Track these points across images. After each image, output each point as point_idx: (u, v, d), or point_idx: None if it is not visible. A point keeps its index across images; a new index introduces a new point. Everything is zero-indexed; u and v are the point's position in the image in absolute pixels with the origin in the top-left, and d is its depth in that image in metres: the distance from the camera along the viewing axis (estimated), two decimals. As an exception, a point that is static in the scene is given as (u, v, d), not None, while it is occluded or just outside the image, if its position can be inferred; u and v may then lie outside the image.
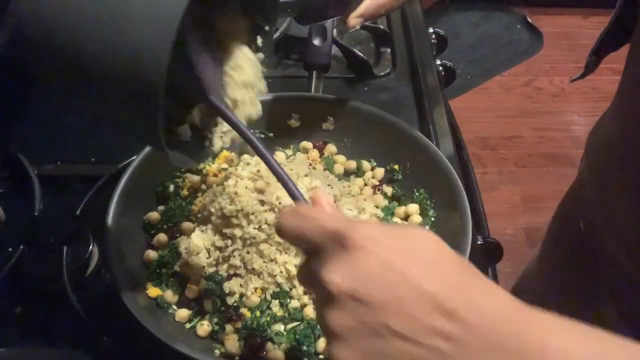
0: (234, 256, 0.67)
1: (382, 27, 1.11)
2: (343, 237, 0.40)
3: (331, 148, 0.83)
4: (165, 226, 0.73)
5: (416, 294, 0.37)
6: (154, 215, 0.74)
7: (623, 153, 0.74)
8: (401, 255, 0.39)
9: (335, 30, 0.99)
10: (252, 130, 0.52)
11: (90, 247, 0.69)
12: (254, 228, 0.67)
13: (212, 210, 0.69)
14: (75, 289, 0.66)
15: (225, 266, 0.67)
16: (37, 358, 0.65)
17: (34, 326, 0.67)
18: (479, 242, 0.77)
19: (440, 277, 0.38)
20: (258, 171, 0.69)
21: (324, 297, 0.40)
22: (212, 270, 0.68)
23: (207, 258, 0.68)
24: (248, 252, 0.67)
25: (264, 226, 0.67)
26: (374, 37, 1.12)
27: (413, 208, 0.75)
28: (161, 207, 0.76)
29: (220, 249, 0.68)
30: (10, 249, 0.66)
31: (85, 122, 0.92)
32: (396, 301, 0.37)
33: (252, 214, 0.66)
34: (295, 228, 0.44)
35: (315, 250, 0.42)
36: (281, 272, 0.66)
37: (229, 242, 0.68)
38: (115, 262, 0.65)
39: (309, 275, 0.43)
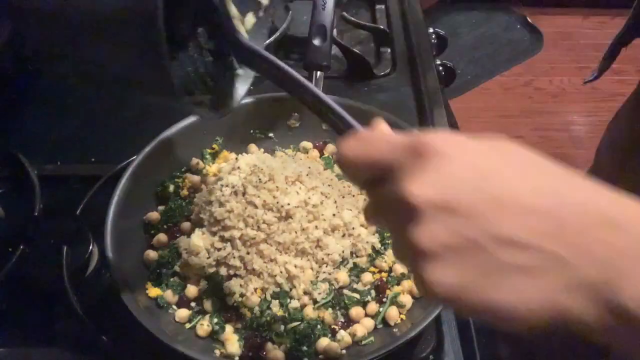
0: (233, 257, 0.67)
1: (382, 27, 1.11)
2: (420, 146, 0.35)
3: (331, 148, 0.83)
4: (165, 226, 0.73)
5: (514, 194, 0.33)
6: (154, 215, 0.74)
7: None
8: (488, 157, 0.35)
9: (335, 30, 0.99)
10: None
11: (90, 247, 0.69)
12: (252, 229, 0.67)
13: (203, 217, 0.69)
14: (75, 289, 0.66)
15: (225, 266, 0.67)
16: (37, 358, 0.65)
17: (34, 326, 0.67)
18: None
19: (533, 175, 0.35)
20: (260, 168, 0.70)
21: (406, 216, 0.34)
22: (212, 270, 0.68)
23: (207, 258, 0.68)
24: (248, 253, 0.67)
25: (263, 226, 0.67)
26: (374, 37, 1.12)
27: (413, 208, 0.75)
28: (161, 207, 0.76)
29: (219, 249, 0.68)
30: (10, 249, 0.66)
31: (83, 121, 0.92)
32: (495, 205, 0.33)
33: (248, 215, 0.66)
34: (363, 152, 0.38)
35: (386, 174, 0.37)
36: (281, 272, 0.66)
37: (227, 243, 0.68)
38: (115, 262, 0.65)
39: (382, 203, 0.37)
